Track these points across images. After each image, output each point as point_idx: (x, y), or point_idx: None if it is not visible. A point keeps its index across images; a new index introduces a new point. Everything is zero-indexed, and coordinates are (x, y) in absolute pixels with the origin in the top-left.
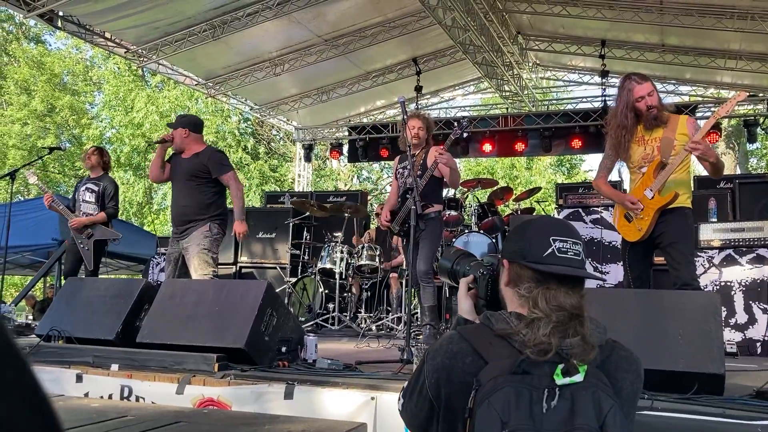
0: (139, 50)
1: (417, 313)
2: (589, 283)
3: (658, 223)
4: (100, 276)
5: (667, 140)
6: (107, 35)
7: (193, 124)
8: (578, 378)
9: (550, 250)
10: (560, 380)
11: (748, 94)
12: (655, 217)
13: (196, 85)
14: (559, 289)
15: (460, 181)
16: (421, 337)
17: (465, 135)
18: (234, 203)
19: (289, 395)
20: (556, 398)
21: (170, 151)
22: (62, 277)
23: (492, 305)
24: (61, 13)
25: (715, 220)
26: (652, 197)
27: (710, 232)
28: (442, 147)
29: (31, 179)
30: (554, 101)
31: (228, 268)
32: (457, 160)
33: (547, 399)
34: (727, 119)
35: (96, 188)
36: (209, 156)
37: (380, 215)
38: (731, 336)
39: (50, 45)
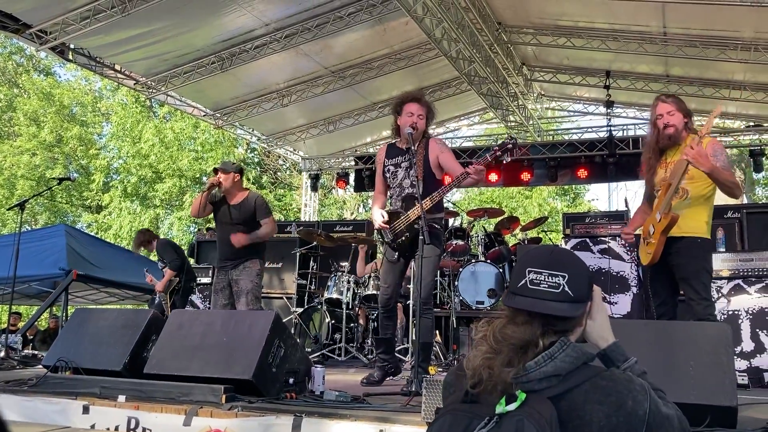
0: (148, 82)
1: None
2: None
3: (670, 252)
4: (105, 306)
5: (680, 163)
6: (117, 67)
7: (241, 171)
8: (512, 407)
9: (523, 282)
10: (499, 408)
11: (723, 108)
12: (662, 240)
13: (204, 116)
14: (511, 321)
15: (467, 210)
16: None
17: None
18: (259, 231)
19: (296, 427)
20: (488, 426)
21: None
22: (68, 308)
23: None
24: (72, 46)
25: (724, 249)
26: (660, 220)
27: (719, 262)
28: (478, 165)
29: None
30: (560, 131)
31: None
32: (463, 191)
33: (481, 427)
34: (730, 148)
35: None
36: (255, 201)
37: (374, 218)
38: (737, 364)
39: (60, 76)
